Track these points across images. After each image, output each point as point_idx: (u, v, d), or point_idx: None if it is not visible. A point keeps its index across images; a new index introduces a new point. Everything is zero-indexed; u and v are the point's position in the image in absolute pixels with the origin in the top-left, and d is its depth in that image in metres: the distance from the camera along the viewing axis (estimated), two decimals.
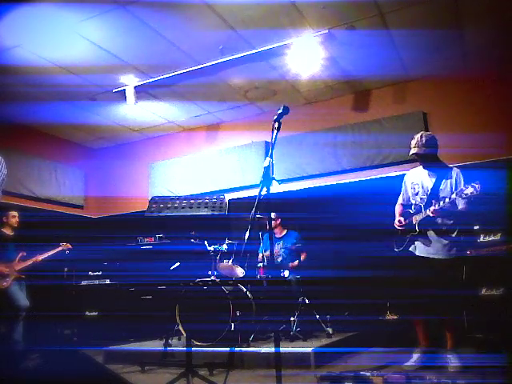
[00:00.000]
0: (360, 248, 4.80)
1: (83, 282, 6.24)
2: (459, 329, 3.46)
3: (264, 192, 2.52)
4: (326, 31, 4.72)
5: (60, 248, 5.30)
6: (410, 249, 3.55)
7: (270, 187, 2.52)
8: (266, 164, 2.53)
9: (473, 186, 3.10)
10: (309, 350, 3.81)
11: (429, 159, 3.54)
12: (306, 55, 5.01)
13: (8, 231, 5.18)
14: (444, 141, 5.42)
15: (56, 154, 7.19)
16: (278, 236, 5.47)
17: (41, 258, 5.15)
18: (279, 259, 5.29)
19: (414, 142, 3.54)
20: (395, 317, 4.95)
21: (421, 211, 3.47)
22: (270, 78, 5.65)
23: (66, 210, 7.21)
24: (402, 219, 3.60)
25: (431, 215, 3.33)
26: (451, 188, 3.41)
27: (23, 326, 4.89)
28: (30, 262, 5.08)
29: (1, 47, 4.72)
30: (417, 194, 3.60)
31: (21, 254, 5.08)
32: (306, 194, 6.10)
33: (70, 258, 5.47)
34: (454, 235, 3.41)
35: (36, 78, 5.38)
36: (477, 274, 4.29)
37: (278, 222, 5.47)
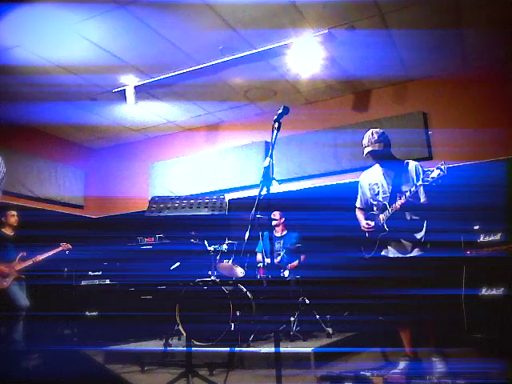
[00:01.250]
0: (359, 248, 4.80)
1: (83, 282, 6.23)
2: (440, 328, 3.36)
3: (264, 192, 2.52)
4: (326, 31, 4.72)
5: (60, 248, 5.30)
6: (382, 253, 3.41)
7: (270, 187, 2.52)
8: (266, 164, 2.53)
9: (438, 168, 2.98)
10: (309, 349, 3.81)
11: (384, 156, 3.42)
12: (306, 55, 5.01)
13: (8, 231, 5.18)
14: (444, 141, 5.44)
15: (56, 154, 7.19)
16: (278, 235, 5.47)
17: (41, 258, 5.15)
18: (278, 258, 5.29)
19: (366, 141, 3.41)
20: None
21: (386, 209, 3.33)
22: (270, 77, 5.65)
23: (66, 210, 7.21)
24: (369, 222, 3.45)
25: (398, 208, 3.21)
26: (412, 180, 3.26)
27: (23, 325, 4.89)
28: (30, 262, 5.09)
29: (1, 47, 4.72)
30: (377, 194, 3.47)
31: (21, 254, 5.08)
32: (305, 194, 6.10)
33: (70, 257, 5.47)
34: (423, 232, 3.26)
35: (36, 78, 5.38)
36: (477, 273, 4.30)
37: (282, 220, 5.48)
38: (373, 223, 3.42)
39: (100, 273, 6.24)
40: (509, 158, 5.00)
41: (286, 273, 4.95)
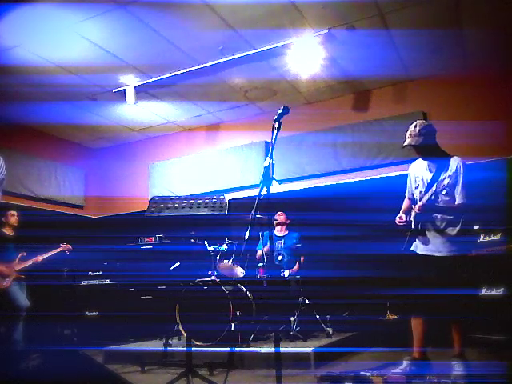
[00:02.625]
0: (360, 248, 4.80)
1: (83, 282, 6.23)
2: (466, 331, 3.32)
3: (264, 192, 2.51)
4: (326, 31, 4.72)
5: (60, 249, 5.29)
6: (412, 248, 3.38)
7: (270, 187, 2.52)
8: (266, 164, 2.52)
9: (459, 171, 3.07)
10: (309, 349, 3.82)
11: (427, 150, 3.34)
12: (306, 55, 5.02)
13: (8, 231, 5.17)
14: (444, 141, 5.42)
15: (56, 154, 7.19)
16: (279, 235, 5.47)
17: (41, 258, 5.14)
18: (279, 258, 5.28)
19: (408, 133, 3.36)
20: (395, 317, 4.94)
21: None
22: (270, 77, 5.65)
23: (66, 210, 7.21)
24: (403, 216, 3.39)
25: (417, 211, 3.20)
26: (450, 179, 3.19)
27: (23, 325, 4.88)
28: (29, 263, 5.08)
29: (1, 47, 4.72)
30: (417, 187, 3.42)
31: (21, 255, 5.08)
32: (305, 194, 6.10)
33: (70, 257, 5.46)
34: (454, 232, 3.20)
35: (36, 78, 5.38)
36: (477, 273, 4.30)
37: (288, 222, 5.48)
38: (404, 218, 3.36)
39: (100, 273, 6.24)
40: (509, 158, 5.00)
41: (286, 273, 4.95)
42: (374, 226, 4.33)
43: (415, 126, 3.33)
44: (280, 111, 2.58)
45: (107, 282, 6.17)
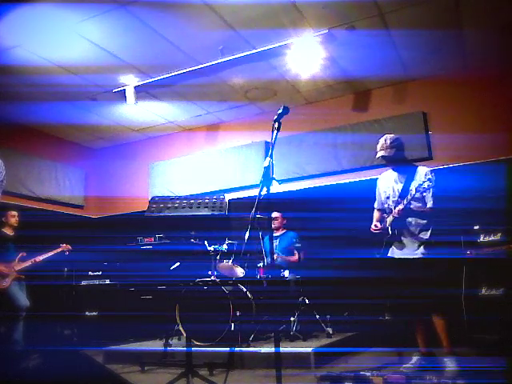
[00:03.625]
0: (358, 248, 4.80)
1: (83, 282, 6.24)
2: (453, 329, 3.41)
3: (264, 192, 2.52)
4: (326, 31, 4.72)
5: (60, 249, 5.29)
6: (389, 253, 3.56)
7: (270, 187, 2.52)
8: (266, 164, 2.53)
9: (428, 179, 3.19)
10: (309, 349, 3.81)
11: (397, 161, 3.55)
12: (306, 55, 5.01)
13: (8, 231, 5.18)
14: (444, 141, 5.44)
15: (56, 154, 7.19)
16: (274, 234, 5.45)
17: (40, 258, 5.15)
18: (274, 257, 5.27)
19: (379, 146, 3.54)
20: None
21: (391, 213, 3.50)
22: (270, 77, 5.65)
23: (66, 209, 7.21)
24: (377, 224, 3.60)
25: (396, 215, 3.39)
26: (420, 187, 3.34)
27: (23, 325, 4.89)
28: (29, 263, 5.08)
29: (1, 47, 4.72)
30: (388, 197, 3.61)
31: (20, 255, 5.08)
32: (305, 194, 6.10)
33: (70, 258, 5.47)
34: (427, 235, 3.39)
35: (36, 78, 5.38)
36: (477, 274, 4.30)
37: (284, 222, 5.47)
38: (380, 226, 3.56)
39: (100, 273, 6.25)
40: (509, 159, 5.00)
41: (286, 273, 4.95)
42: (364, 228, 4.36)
43: (385, 140, 3.53)
44: (280, 111, 2.59)
45: (107, 282, 6.18)
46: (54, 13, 4.26)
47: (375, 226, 3.60)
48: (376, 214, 3.75)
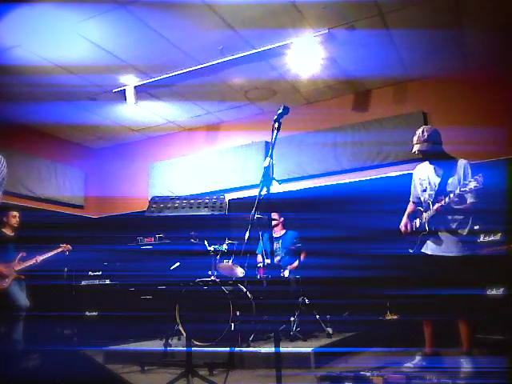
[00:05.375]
0: (360, 248, 4.80)
1: (83, 282, 6.24)
2: (475, 330, 3.36)
3: (264, 192, 2.52)
4: (326, 31, 4.72)
5: (60, 249, 5.29)
6: (422, 249, 3.45)
7: (270, 187, 2.52)
8: (266, 164, 2.53)
9: (475, 180, 3.01)
10: (309, 350, 3.81)
11: (434, 154, 3.41)
12: (306, 55, 5.01)
13: (8, 231, 5.17)
14: (444, 141, 5.42)
15: (56, 154, 7.19)
16: (276, 235, 5.46)
17: (40, 258, 5.14)
18: (277, 258, 5.28)
19: (415, 138, 3.40)
20: (395, 317, 4.94)
21: (429, 209, 3.36)
22: (270, 77, 5.65)
23: (66, 210, 7.21)
24: (408, 224, 3.49)
25: (435, 212, 3.27)
26: (459, 182, 3.26)
27: (23, 325, 4.89)
28: (29, 263, 5.08)
29: (1, 47, 4.72)
30: (425, 190, 3.48)
31: (21, 255, 5.08)
32: (305, 193, 6.09)
33: (70, 258, 5.46)
34: (465, 233, 3.28)
35: (36, 78, 5.38)
36: (479, 273, 4.29)
37: (281, 220, 5.48)
38: (409, 228, 3.48)
39: (100, 273, 6.25)
40: (509, 158, 5.00)
41: (286, 273, 4.95)
42: (373, 226, 4.34)
43: (423, 132, 3.38)
44: (280, 111, 2.59)
45: (107, 282, 6.18)
46: (53, 13, 4.26)
47: (405, 226, 3.47)
48: (410, 207, 3.62)
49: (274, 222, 5.39)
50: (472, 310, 3.21)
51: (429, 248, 3.42)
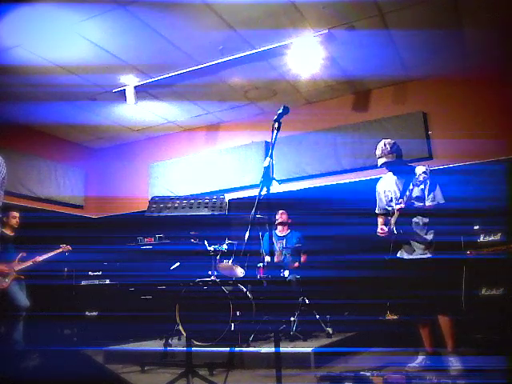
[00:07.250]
0: (360, 248, 4.80)
1: (83, 282, 6.24)
2: (458, 329, 3.41)
3: (264, 192, 2.52)
4: (326, 31, 4.72)
5: (60, 250, 5.28)
6: (398, 254, 3.56)
7: (270, 187, 2.52)
8: (265, 164, 2.53)
9: (423, 172, 3.20)
10: (309, 349, 3.81)
11: (396, 165, 3.56)
12: (306, 55, 5.01)
13: (8, 231, 5.17)
14: (444, 141, 5.44)
15: (56, 154, 7.19)
16: (280, 234, 5.46)
17: (40, 259, 5.14)
18: (279, 258, 5.28)
19: (379, 152, 3.53)
20: (395, 317, 4.94)
21: (394, 214, 3.48)
22: (270, 77, 5.65)
23: (66, 210, 7.21)
24: (384, 227, 3.57)
25: (398, 213, 3.39)
26: (418, 186, 3.39)
27: (23, 325, 4.88)
28: (29, 263, 5.08)
29: (1, 47, 4.72)
30: (391, 200, 3.61)
31: (20, 255, 5.08)
32: (306, 194, 6.10)
33: (70, 258, 5.47)
34: (431, 236, 3.39)
35: (36, 78, 5.38)
36: (477, 274, 4.30)
37: (289, 221, 5.48)
38: (386, 229, 3.54)
39: (100, 273, 6.25)
40: (509, 158, 5.00)
41: (286, 273, 4.95)
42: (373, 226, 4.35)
43: (385, 145, 3.53)
44: (280, 111, 2.59)
45: (107, 282, 6.18)
46: (54, 13, 4.25)
47: (381, 229, 3.56)
48: (380, 219, 3.72)
49: (281, 221, 5.42)
50: (449, 310, 3.33)
51: (404, 253, 3.53)
